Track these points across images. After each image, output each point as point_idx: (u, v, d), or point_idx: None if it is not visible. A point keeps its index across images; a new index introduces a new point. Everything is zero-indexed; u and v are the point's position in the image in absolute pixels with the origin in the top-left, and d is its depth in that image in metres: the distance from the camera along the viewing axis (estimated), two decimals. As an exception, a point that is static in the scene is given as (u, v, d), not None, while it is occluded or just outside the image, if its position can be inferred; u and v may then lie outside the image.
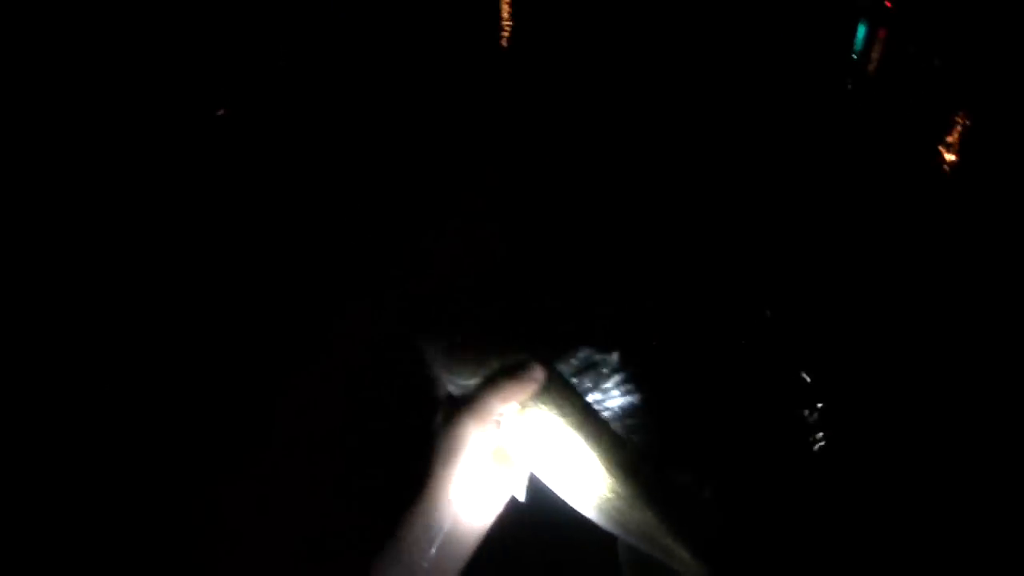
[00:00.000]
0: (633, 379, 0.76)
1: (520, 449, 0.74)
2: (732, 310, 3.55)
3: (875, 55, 15.41)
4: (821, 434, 2.64)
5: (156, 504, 2.03)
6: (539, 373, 0.73)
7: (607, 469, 0.74)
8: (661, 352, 3.03)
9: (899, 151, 7.41)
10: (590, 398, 0.76)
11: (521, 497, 0.72)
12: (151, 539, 1.94)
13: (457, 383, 0.75)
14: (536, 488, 0.74)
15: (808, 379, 2.97)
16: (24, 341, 2.62)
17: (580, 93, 8.37)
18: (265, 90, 6.54)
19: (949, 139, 8.37)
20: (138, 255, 3.36)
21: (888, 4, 19.98)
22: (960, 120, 9.33)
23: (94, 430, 2.33)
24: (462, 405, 0.73)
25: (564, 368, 0.76)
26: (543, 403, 0.74)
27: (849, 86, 11.82)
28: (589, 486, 0.74)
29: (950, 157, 7.63)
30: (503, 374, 0.74)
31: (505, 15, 14.64)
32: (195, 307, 3.00)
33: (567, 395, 0.76)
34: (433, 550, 0.69)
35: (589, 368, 0.77)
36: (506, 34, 12.17)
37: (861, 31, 18.68)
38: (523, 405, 0.73)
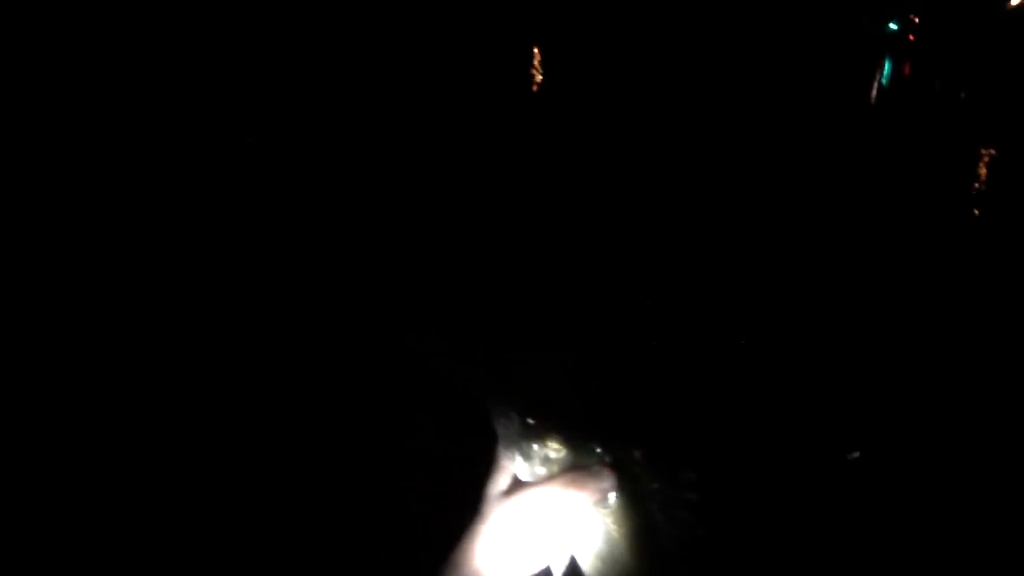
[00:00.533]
0: (701, 496, 0.74)
1: (568, 535, 0.72)
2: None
3: (901, 89, 15.32)
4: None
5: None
6: (607, 483, 0.70)
7: None
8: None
9: (925, 183, 7.33)
10: (655, 507, 0.74)
11: None
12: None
13: (523, 466, 0.73)
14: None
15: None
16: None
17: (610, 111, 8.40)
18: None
19: (975, 171, 8.26)
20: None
21: (912, 38, 19.95)
22: (986, 152, 9.21)
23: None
24: (524, 487, 0.71)
25: (637, 474, 0.73)
26: (604, 509, 0.71)
27: (876, 119, 11.77)
28: None
29: (976, 187, 7.53)
30: (571, 473, 0.71)
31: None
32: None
33: (629, 508, 0.72)
34: None
35: (661, 479, 0.74)
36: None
37: (887, 67, 18.62)
38: (583, 506, 0.71)
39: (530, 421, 0.73)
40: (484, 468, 0.76)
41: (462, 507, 0.75)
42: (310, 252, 3.66)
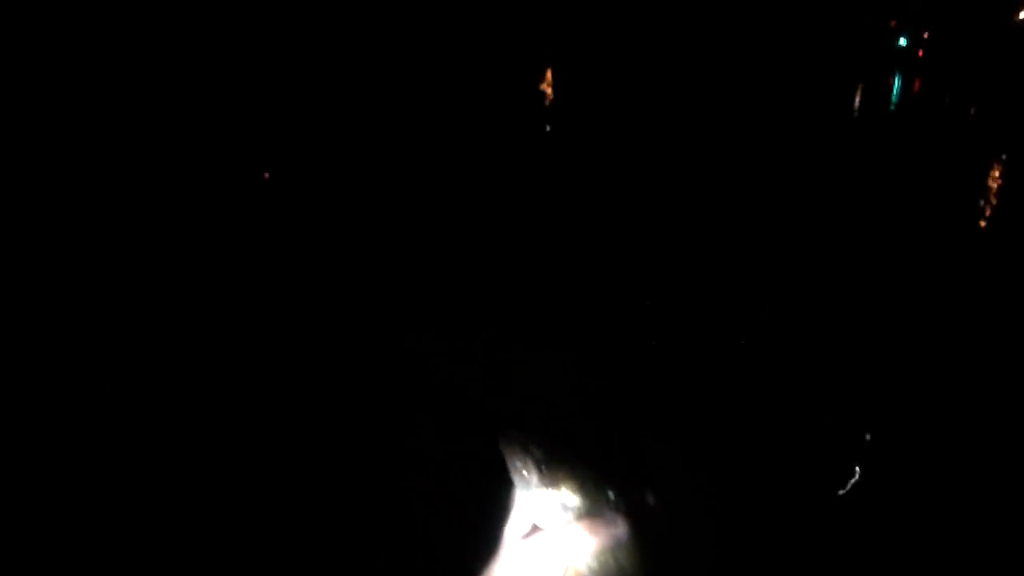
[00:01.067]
0: (704, 544, 0.75)
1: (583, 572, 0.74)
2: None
3: (911, 104, 15.36)
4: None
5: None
6: (620, 528, 0.74)
7: None
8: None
9: (934, 197, 7.35)
10: (658, 551, 0.76)
11: None
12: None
13: (538, 509, 0.77)
14: None
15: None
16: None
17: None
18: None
19: (984, 184, 8.28)
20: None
21: (920, 54, 20.04)
22: (996, 166, 9.22)
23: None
24: (540, 531, 0.75)
25: (644, 515, 0.76)
26: (615, 553, 0.75)
27: (886, 133, 11.81)
28: None
29: (986, 203, 7.55)
30: (586, 518, 0.75)
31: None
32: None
33: (638, 550, 0.76)
34: None
35: (667, 522, 0.78)
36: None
37: (897, 82, 18.68)
38: (597, 549, 0.74)
39: (544, 470, 0.76)
40: (499, 508, 0.78)
41: (480, 543, 0.76)
42: (310, 252, 3.70)
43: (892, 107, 15.14)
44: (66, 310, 2.95)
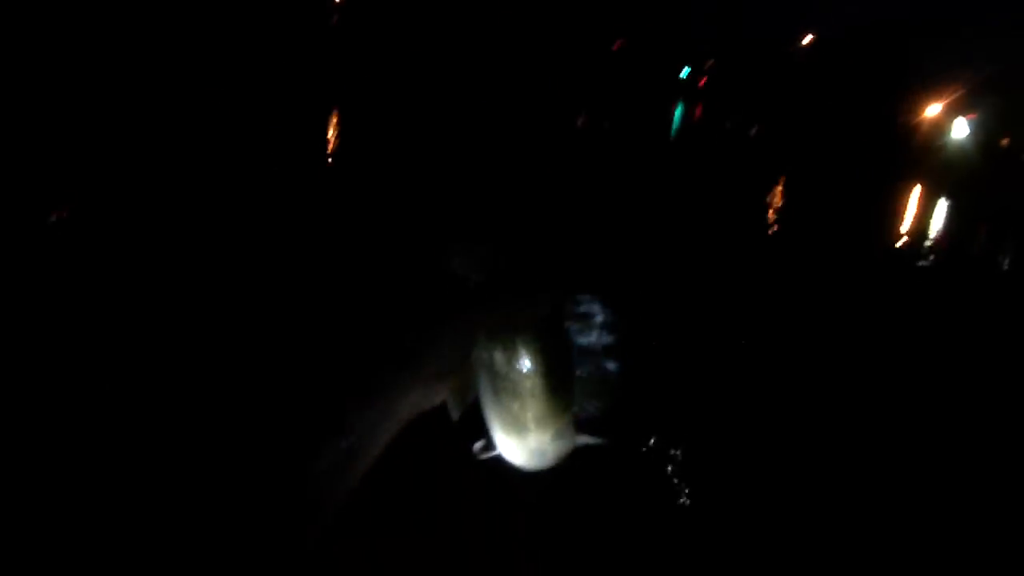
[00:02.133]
0: (615, 339, 0.87)
1: (482, 373, 0.82)
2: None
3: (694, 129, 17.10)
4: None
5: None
6: (544, 311, 0.84)
7: (544, 410, 0.82)
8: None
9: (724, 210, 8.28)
10: (576, 337, 0.87)
11: (455, 416, 0.80)
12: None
13: (472, 274, 0.84)
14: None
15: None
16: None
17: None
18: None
19: (767, 194, 9.44)
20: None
21: (701, 84, 22.46)
22: (776, 178, 10.58)
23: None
24: (475, 316, 0.83)
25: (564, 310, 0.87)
26: (533, 336, 0.84)
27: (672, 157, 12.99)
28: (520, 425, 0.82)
29: (769, 206, 8.62)
30: (517, 308, 0.83)
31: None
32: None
33: (555, 338, 0.84)
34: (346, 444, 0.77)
35: (584, 317, 0.89)
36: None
37: (679, 111, 20.70)
38: (518, 333, 0.82)
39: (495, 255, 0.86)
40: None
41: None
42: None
43: (673, 133, 16.62)
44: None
